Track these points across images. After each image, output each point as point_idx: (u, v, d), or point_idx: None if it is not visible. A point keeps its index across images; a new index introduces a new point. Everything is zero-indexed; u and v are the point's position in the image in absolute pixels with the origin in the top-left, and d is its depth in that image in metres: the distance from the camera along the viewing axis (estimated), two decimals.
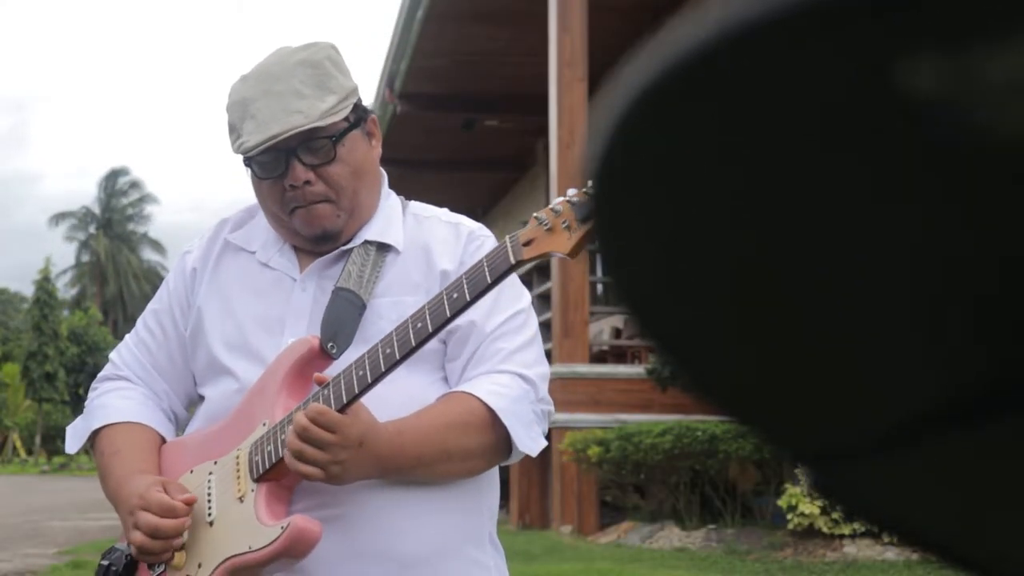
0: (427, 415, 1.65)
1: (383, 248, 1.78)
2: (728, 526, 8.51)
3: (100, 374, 1.95)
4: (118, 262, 61.14)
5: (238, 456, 1.70)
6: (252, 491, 1.67)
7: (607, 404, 9.84)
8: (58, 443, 42.16)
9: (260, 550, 1.62)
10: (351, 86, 1.75)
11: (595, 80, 10.79)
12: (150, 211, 69.16)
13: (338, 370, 1.63)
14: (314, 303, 1.76)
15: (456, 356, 1.73)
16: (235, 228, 1.90)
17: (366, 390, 1.57)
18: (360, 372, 1.58)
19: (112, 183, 63.63)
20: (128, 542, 1.71)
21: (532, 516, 10.58)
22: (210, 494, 1.72)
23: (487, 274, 1.54)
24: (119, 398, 1.87)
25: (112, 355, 1.95)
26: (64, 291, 57.60)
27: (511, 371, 1.70)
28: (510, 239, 1.55)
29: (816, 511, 7.39)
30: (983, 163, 0.24)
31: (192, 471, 1.77)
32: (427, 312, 1.56)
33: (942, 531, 0.34)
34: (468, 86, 15.02)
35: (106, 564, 1.74)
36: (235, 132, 1.73)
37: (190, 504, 1.68)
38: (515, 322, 1.74)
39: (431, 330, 1.55)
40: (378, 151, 1.82)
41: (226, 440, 1.74)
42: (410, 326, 1.57)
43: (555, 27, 10.63)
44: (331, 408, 1.58)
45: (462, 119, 15.81)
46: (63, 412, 42.10)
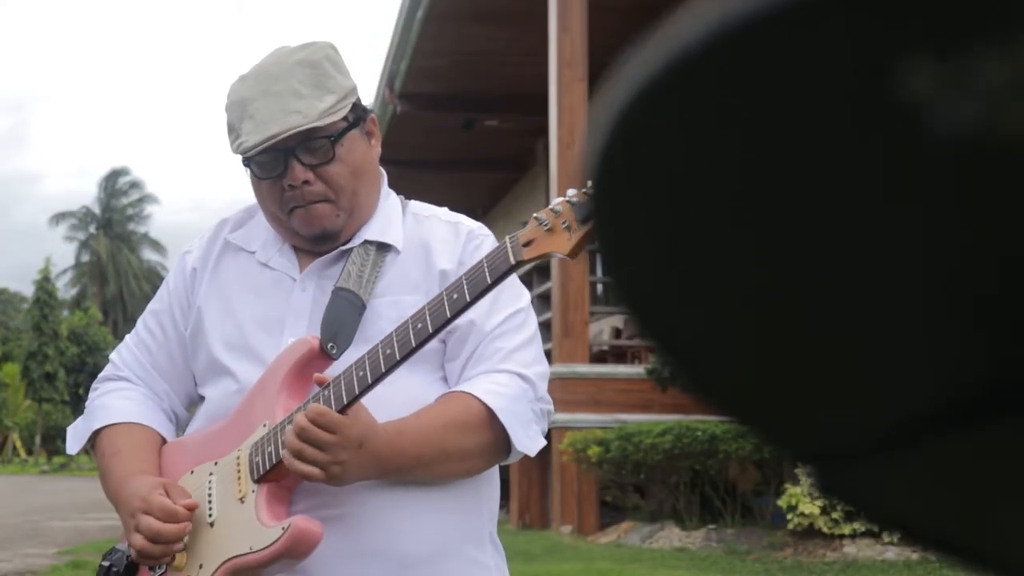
0: (426, 415, 1.65)
1: (383, 248, 1.78)
2: (728, 526, 8.51)
3: (100, 374, 1.94)
4: (118, 262, 61.14)
5: (238, 457, 1.70)
6: (253, 492, 1.67)
7: (607, 404, 9.84)
8: (58, 443, 42.17)
9: (261, 551, 1.62)
10: (350, 85, 1.75)
11: (595, 80, 10.78)
12: (150, 211, 69.33)
13: (338, 370, 1.63)
14: (314, 303, 1.76)
15: (455, 356, 1.73)
16: (235, 228, 1.90)
17: (366, 391, 1.57)
18: (360, 373, 1.58)
19: (112, 183, 63.67)
20: (128, 544, 1.71)
21: (532, 516, 10.58)
22: (211, 495, 1.72)
23: (487, 275, 1.54)
24: (119, 399, 1.87)
25: (112, 355, 1.95)
26: (64, 291, 57.65)
27: (510, 370, 1.70)
28: (510, 240, 1.55)
29: (816, 511, 7.39)
30: (983, 163, 0.24)
31: (193, 472, 1.77)
32: (427, 313, 1.56)
33: (942, 530, 0.34)
34: (468, 86, 15.02)
35: (107, 565, 1.74)
36: (234, 132, 1.73)
37: (191, 509, 1.68)
38: (514, 321, 1.74)
39: (431, 331, 1.55)
40: (377, 150, 1.82)
41: (226, 441, 1.74)
42: (410, 327, 1.56)
43: (555, 27, 10.63)
44: (331, 409, 1.58)
45: (462, 119, 15.81)
46: (63, 412, 42.10)
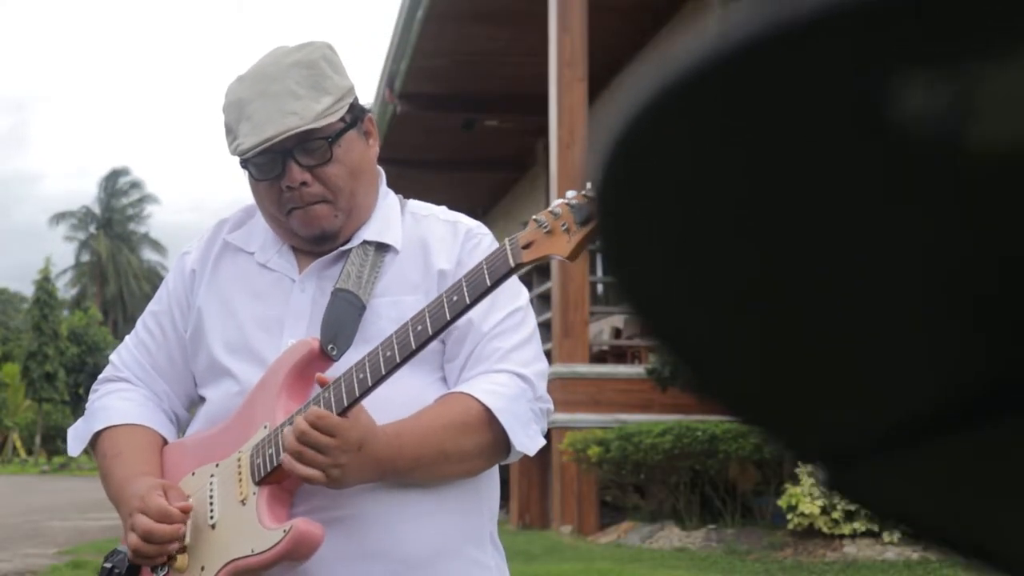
0: (425, 417, 1.65)
1: (381, 248, 1.77)
2: (728, 526, 8.50)
3: (100, 376, 1.94)
4: (118, 262, 61.13)
5: (239, 459, 1.70)
6: (254, 494, 1.67)
7: (607, 404, 9.84)
8: (58, 443, 42.17)
9: (263, 553, 1.62)
10: (347, 86, 1.74)
11: (595, 80, 10.80)
12: (150, 211, 69.30)
13: (338, 372, 1.63)
14: (313, 304, 1.75)
15: (454, 356, 1.73)
16: (234, 228, 1.90)
17: (366, 393, 1.57)
18: (360, 375, 1.58)
19: (112, 183, 63.65)
20: (125, 544, 1.71)
21: (532, 516, 10.57)
22: (212, 496, 1.72)
23: (486, 277, 1.54)
24: (120, 400, 1.86)
25: (112, 357, 1.95)
26: (64, 291, 57.64)
27: (508, 370, 1.70)
28: (509, 242, 1.55)
29: (816, 511, 7.38)
30: (982, 169, 0.24)
31: (194, 473, 1.77)
32: (427, 315, 1.56)
33: (944, 528, 0.34)
34: (468, 86, 15.01)
35: (109, 566, 1.74)
36: (231, 133, 1.72)
37: (186, 512, 1.68)
38: (512, 320, 1.74)
39: (431, 333, 1.55)
40: (375, 150, 1.81)
41: (227, 442, 1.73)
42: (410, 329, 1.56)
43: (555, 27, 10.62)
44: (333, 409, 1.58)
45: (462, 119, 15.80)
46: (63, 412, 42.09)
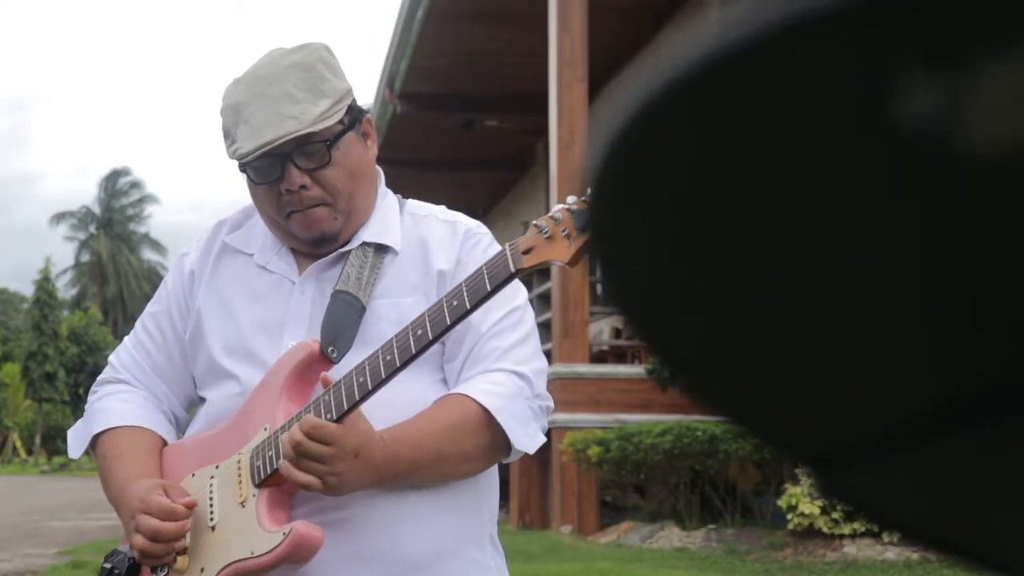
0: (422, 420, 1.65)
1: (381, 249, 1.77)
2: (728, 526, 8.51)
3: (99, 377, 1.94)
4: (118, 262, 61.16)
5: (239, 461, 1.70)
6: (254, 496, 1.67)
7: (607, 404, 9.84)
8: (58, 443, 42.20)
9: (262, 556, 1.62)
10: (344, 87, 1.74)
11: (595, 80, 10.80)
12: (150, 211, 69.33)
13: (338, 373, 1.63)
14: (313, 306, 1.75)
15: (454, 356, 1.73)
16: (232, 229, 1.89)
17: (366, 397, 1.57)
18: (361, 379, 1.58)
19: (113, 183, 63.69)
20: (130, 545, 1.71)
21: (532, 516, 10.58)
22: (212, 498, 1.72)
23: (487, 282, 1.54)
24: (119, 401, 1.86)
25: (111, 358, 1.94)
26: (64, 291, 57.69)
27: (506, 369, 1.70)
28: (510, 247, 1.55)
29: (816, 511, 7.39)
30: (983, 167, 0.24)
31: (194, 474, 1.76)
32: (427, 319, 1.56)
33: (942, 530, 0.34)
34: (468, 86, 15.02)
35: (109, 567, 1.74)
36: (229, 137, 1.72)
37: (190, 508, 1.68)
38: (510, 319, 1.74)
39: (431, 337, 1.55)
40: (374, 151, 1.81)
41: (227, 444, 1.73)
42: (410, 333, 1.56)
43: (555, 27, 10.63)
44: (332, 413, 1.58)
45: (462, 119, 15.81)
46: (63, 412, 42.12)
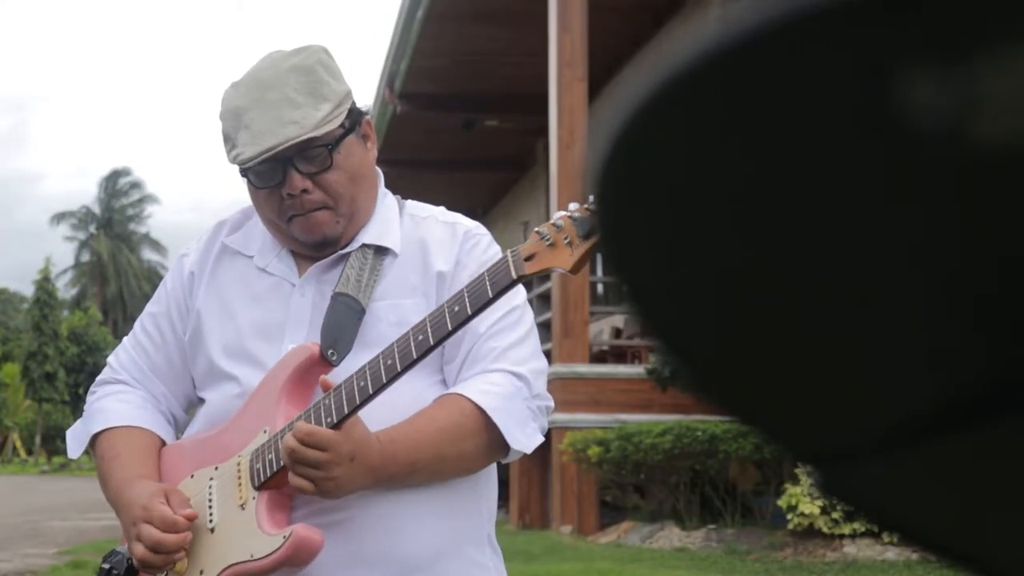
0: (419, 421, 1.65)
1: (380, 251, 1.77)
2: (728, 526, 8.51)
3: (98, 378, 1.94)
4: (118, 262, 61.13)
5: (239, 463, 1.70)
6: (253, 499, 1.67)
7: (607, 404, 9.84)
8: (58, 443, 42.18)
9: (262, 559, 1.62)
10: (344, 90, 1.73)
11: (595, 80, 10.80)
12: (150, 211, 69.31)
13: (338, 375, 1.63)
14: (313, 308, 1.75)
15: (453, 357, 1.73)
16: (232, 231, 1.89)
17: (367, 401, 1.57)
18: (361, 383, 1.58)
19: (113, 183, 63.66)
20: (130, 551, 1.71)
21: (532, 516, 10.57)
22: (211, 500, 1.72)
23: (488, 288, 1.54)
24: (117, 401, 1.86)
25: (110, 359, 1.94)
26: (64, 291, 57.66)
27: (503, 369, 1.70)
28: (512, 253, 1.55)
29: (816, 511, 7.39)
30: (982, 167, 0.24)
31: (193, 476, 1.76)
32: (428, 325, 1.56)
33: (941, 531, 0.34)
34: (468, 86, 15.01)
35: (107, 568, 1.73)
36: (229, 142, 1.71)
37: (191, 519, 1.68)
38: (508, 319, 1.74)
39: (432, 343, 1.56)
40: (374, 153, 1.81)
41: (227, 446, 1.73)
42: (411, 338, 1.56)
43: (555, 27, 10.62)
44: (332, 417, 1.58)
45: (462, 119, 15.80)
46: (63, 412, 42.11)
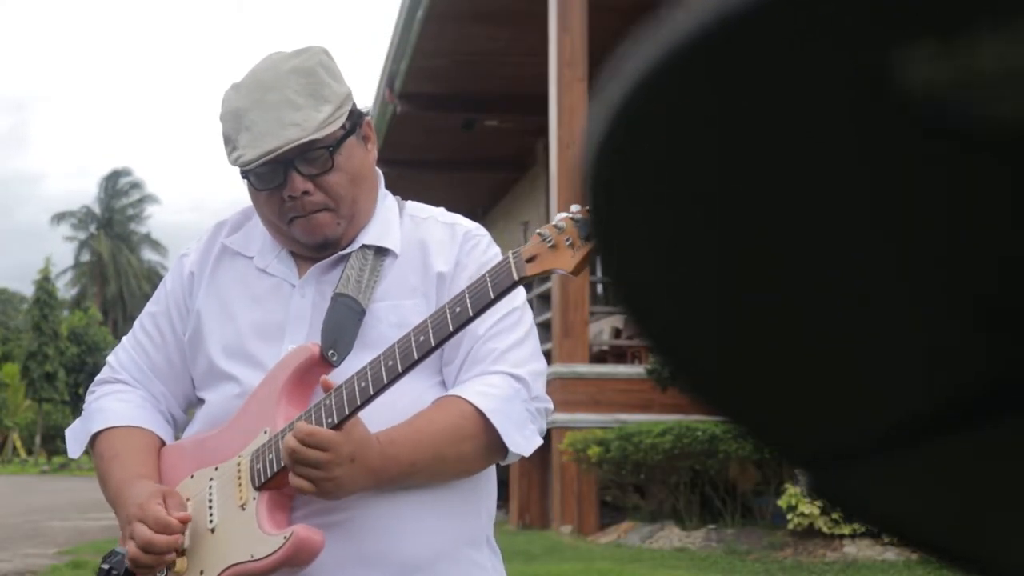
0: (418, 422, 1.65)
1: (380, 252, 1.77)
2: (728, 526, 8.51)
3: (97, 377, 1.94)
4: (118, 262, 61.16)
5: (239, 463, 1.70)
6: (254, 499, 1.67)
7: (607, 404, 9.84)
8: (58, 443, 42.20)
9: (263, 559, 1.62)
10: (345, 92, 1.73)
11: (595, 80, 10.78)
12: (151, 211, 69.32)
13: (339, 376, 1.63)
14: (313, 309, 1.75)
15: (452, 359, 1.73)
16: (232, 231, 1.89)
17: (368, 401, 1.57)
18: (362, 383, 1.58)
19: (113, 183, 63.69)
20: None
21: (532, 516, 10.58)
22: (211, 501, 1.72)
23: (490, 290, 1.53)
24: (117, 401, 1.86)
25: (109, 358, 1.94)
26: (64, 291, 57.71)
27: (502, 371, 1.70)
28: (513, 255, 1.55)
29: (816, 511, 7.39)
30: (983, 159, 0.24)
31: (192, 476, 1.76)
32: (429, 326, 1.56)
33: (940, 532, 0.34)
34: (468, 86, 15.02)
35: (106, 568, 1.73)
36: (230, 143, 1.71)
37: (185, 522, 1.68)
38: (508, 321, 1.73)
39: (433, 344, 1.56)
40: (374, 154, 1.81)
41: (227, 446, 1.73)
42: (412, 339, 1.56)
43: (555, 27, 10.63)
44: (333, 418, 1.58)
45: (462, 119, 15.81)
46: (63, 412, 42.13)
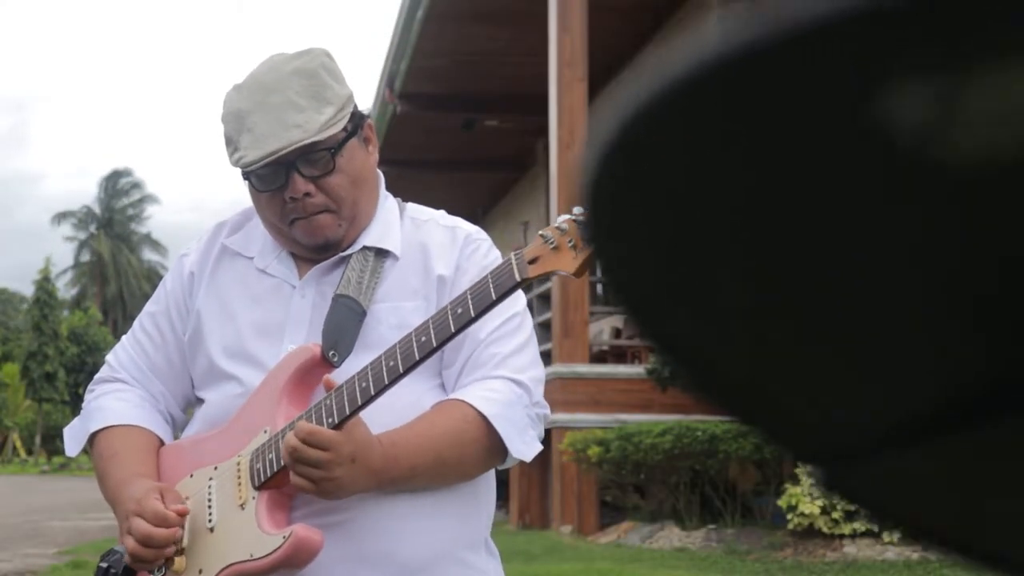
0: (420, 425, 1.65)
1: (381, 253, 1.77)
2: (728, 526, 8.51)
3: (96, 376, 1.94)
4: (118, 262, 61.14)
5: (239, 463, 1.70)
6: (253, 499, 1.67)
7: (607, 404, 9.84)
8: (58, 443, 42.15)
9: (262, 559, 1.62)
10: (347, 93, 1.73)
11: (595, 80, 10.79)
12: (151, 211, 69.31)
13: (339, 377, 1.63)
14: (313, 310, 1.75)
15: (452, 362, 1.73)
16: (232, 232, 1.89)
17: (369, 402, 1.57)
18: (363, 384, 1.58)
19: (113, 183, 63.67)
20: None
21: (532, 516, 10.58)
22: (210, 500, 1.72)
23: (492, 291, 1.53)
24: (116, 400, 1.86)
25: (108, 357, 1.94)
26: (64, 291, 57.69)
27: (504, 376, 1.70)
28: (515, 256, 1.55)
29: (816, 511, 7.39)
30: (981, 178, 0.24)
31: (192, 475, 1.76)
32: (431, 327, 1.56)
33: (942, 529, 0.34)
34: (468, 86, 15.01)
35: (105, 567, 1.73)
36: (232, 145, 1.71)
37: (183, 515, 1.68)
38: (509, 326, 1.74)
39: (435, 345, 1.56)
40: (375, 156, 1.81)
41: (227, 445, 1.73)
42: (414, 340, 1.56)
43: (555, 27, 10.63)
44: (334, 418, 1.58)
45: (462, 119, 15.80)
46: (63, 412, 42.11)
